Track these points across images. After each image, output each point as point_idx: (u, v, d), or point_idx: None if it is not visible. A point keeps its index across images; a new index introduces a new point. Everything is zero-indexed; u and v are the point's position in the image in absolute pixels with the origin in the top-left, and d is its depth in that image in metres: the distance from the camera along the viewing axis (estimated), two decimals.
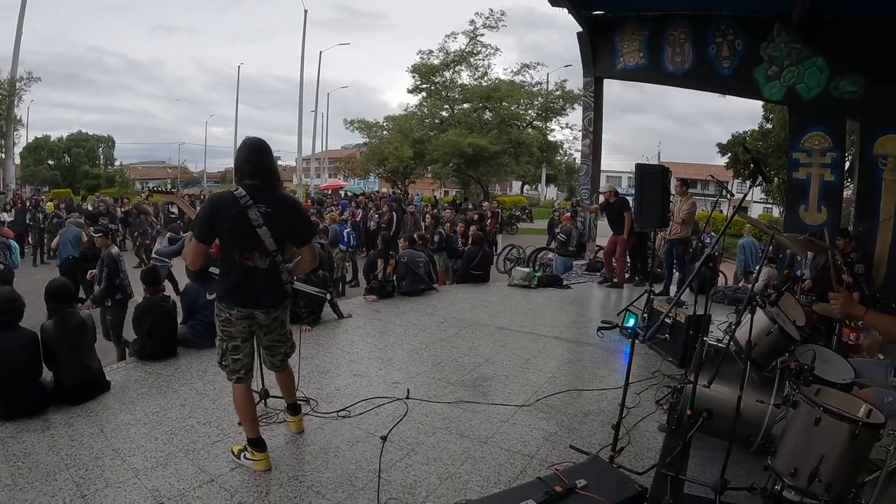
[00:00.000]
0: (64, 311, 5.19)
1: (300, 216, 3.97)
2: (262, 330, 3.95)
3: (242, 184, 3.72)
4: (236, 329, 3.83)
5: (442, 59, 35.69)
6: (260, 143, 3.87)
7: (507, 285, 11.18)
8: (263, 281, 3.77)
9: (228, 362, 3.90)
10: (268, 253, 3.72)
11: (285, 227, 3.79)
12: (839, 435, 2.90)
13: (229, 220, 3.61)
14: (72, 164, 57.14)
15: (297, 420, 4.54)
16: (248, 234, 3.64)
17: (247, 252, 3.70)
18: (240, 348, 3.88)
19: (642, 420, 4.80)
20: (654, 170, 9.08)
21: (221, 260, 3.84)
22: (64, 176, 55.52)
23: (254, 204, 3.62)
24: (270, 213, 3.67)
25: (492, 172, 35.69)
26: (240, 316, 3.80)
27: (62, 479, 3.84)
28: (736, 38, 11.08)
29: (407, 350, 6.89)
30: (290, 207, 3.87)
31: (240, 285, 3.75)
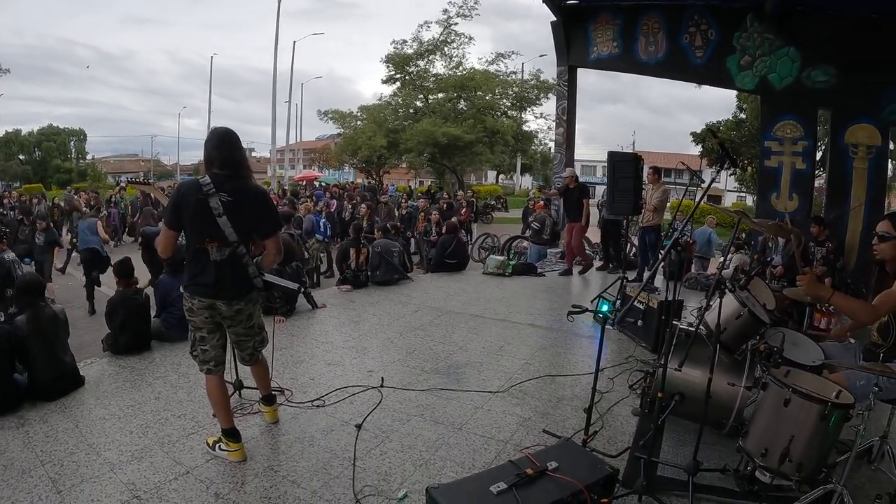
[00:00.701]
0: (36, 305, 5.12)
1: (265, 208, 3.90)
2: (226, 322, 3.91)
3: (209, 172, 3.70)
4: (199, 319, 3.82)
5: (416, 48, 35.65)
6: (227, 133, 3.84)
7: (482, 274, 11.19)
8: (223, 271, 3.73)
9: (197, 352, 3.91)
10: (228, 243, 3.69)
11: (248, 218, 3.76)
12: (809, 415, 2.93)
13: (192, 207, 3.59)
14: (43, 159, 56.57)
15: (271, 410, 4.52)
16: (209, 222, 3.62)
17: (207, 240, 3.67)
18: (206, 339, 3.88)
19: (616, 404, 4.84)
20: (626, 158, 9.09)
21: (186, 248, 3.81)
22: (35, 170, 54.87)
23: (216, 192, 3.59)
24: (232, 203, 3.63)
25: (466, 162, 35.75)
26: (201, 305, 3.78)
27: (38, 476, 3.80)
28: (709, 27, 11.13)
29: (381, 339, 6.87)
30: (255, 198, 3.83)
31: (201, 273, 3.74)
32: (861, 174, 9.55)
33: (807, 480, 2.99)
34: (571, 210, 10.99)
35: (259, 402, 4.57)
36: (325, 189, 23.23)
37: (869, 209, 9.38)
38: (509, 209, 35.00)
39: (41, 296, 5.28)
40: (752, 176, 26.34)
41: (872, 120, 9.43)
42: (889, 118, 9.35)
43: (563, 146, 14.22)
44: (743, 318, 3.81)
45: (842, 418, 2.94)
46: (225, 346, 4.01)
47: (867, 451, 3.70)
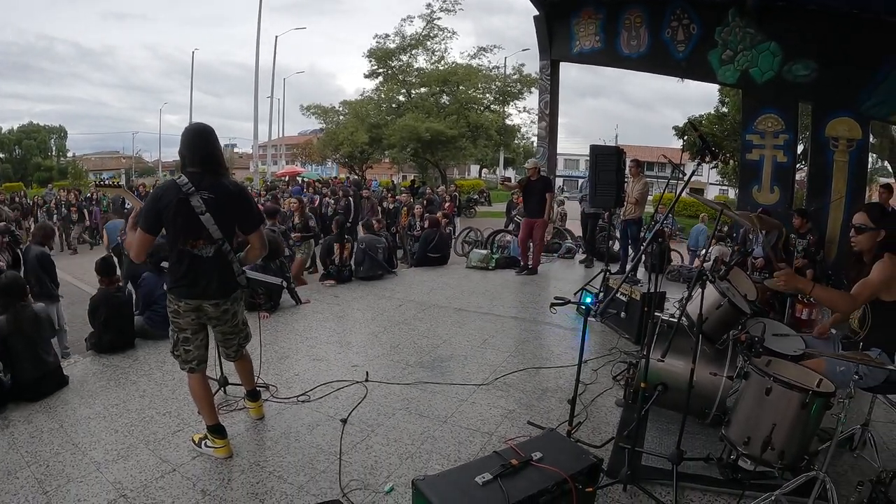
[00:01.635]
0: (16, 305, 5.09)
1: (245, 203, 3.87)
2: (211, 322, 3.90)
3: (185, 171, 3.65)
4: (185, 321, 3.79)
5: (398, 43, 35.54)
6: (202, 129, 3.79)
7: (465, 268, 11.21)
8: (211, 270, 3.71)
9: (180, 353, 3.87)
10: (213, 241, 3.66)
11: (230, 214, 3.73)
12: (790, 404, 2.97)
13: (172, 207, 3.54)
14: (23, 157, 55.84)
15: (256, 406, 4.51)
16: (192, 221, 3.58)
17: (192, 240, 3.63)
18: (190, 340, 3.84)
19: (599, 396, 4.87)
20: (608, 151, 9.15)
21: (169, 250, 3.75)
22: (15, 169, 54.21)
23: (196, 191, 3.55)
24: (213, 200, 3.60)
25: (450, 156, 35.74)
26: (188, 308, 3.75)
27: (24, 477, 3.79)
28: (691, 22, 11.18)
29: (365, 333, 6.88)
30: (235, 194, 3.77)
31: (187, 275, 3.69)
32: (841, 167, 9.64)
33: (789, 468, 3.03)
34: (533, 204, 10.25)
35: (244, 398, 4.56)
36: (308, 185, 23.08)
37: (850, 202, 9.46)
38: (492, 203, 35.01)
39: (21, 297, 5.24)
40: (734, 169, 26.50)
41: (852, 113, 9.51)
42: (869, 112, 9.44)
43: (545, 140, 14.23)
44: (724, 308, 3.85)
45: (823, 406, 2.98)
46: (208, 344, 3.98)
47: (849, 438, 3.76)
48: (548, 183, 10.32)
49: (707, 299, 3.68)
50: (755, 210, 8.38)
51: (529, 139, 39.53)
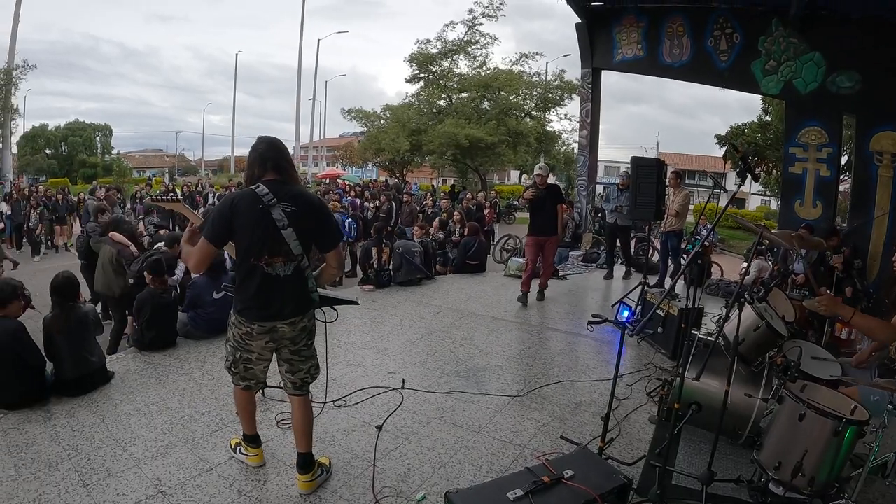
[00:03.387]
0: (66, 305, 5.23)
1: (326, 218, 3.58)
2: (283, 342, 3.54)
3: (263, 180, 3.38)
4: (257, 344, 3.52)
5: (440, 48, 35.60)
6: (275, 140, 3.58)
7: (503, 275, 11.21)
8: (287, 290, 3.43)
9: (239, 371, 3.64)
10: (293, 258, 3.38)
11: (310, 230, 3.45)
12: (823, 430, 2.97)
13: (251, 220, 3.30)
14: (69, 153, 56.85)
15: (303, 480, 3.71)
16: (272, 236, 3.31)
17: (268, 256, 3.35)
18: (254, 362, 3.61)
19: (633, 411, 4.87)
20: (649, 163, 9.03)
21: (238, 267, 3.49)
22: (61, 165, 55.25)
23: (278, 203, 3.30)
24: (296, 213, 3.34)
25: (489, 162, 35.62)
26: (262, 330, 3.46)
27: (65, 469, 3.90)
28: (734, 31, 11.08)
29: (402, 340, 6.92)
30: (317, 207, 3.51)
31: (258, 295, 3.41)
32: (886, 182, 9.46)
33: (819, 494, 3.03)
34: (542, 219, 8.73)
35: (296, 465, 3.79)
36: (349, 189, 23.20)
37: (893, 218, 9.28)
38: None
39: (73, 297, 5.37)
40: (776, 180, 26.04)
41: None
42: None
43: (586, 149, 14.21)
44: (761, 330, 3.85)
45: (856, 434, 2.98)
46: (268, 368, 3.73)
47: (881, 466, 3.72)
48: (559, 193, 9.03)
49: (745, 321, 3.68)
50: (797, 226, 8.30)
51: (570, 145, 39.31)
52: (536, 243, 8.76)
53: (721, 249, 18.27)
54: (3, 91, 25.82)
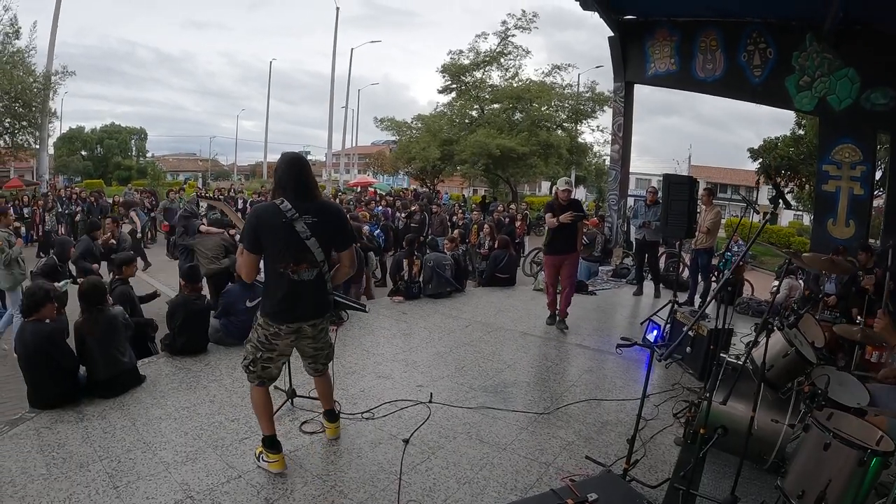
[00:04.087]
0: (94, 309, 5.41)
1: (342, 221, 3.97)
2: (306, 341, 4.01)
3: (285, 195, 3.74)
4: (283, 343, 3.91)
5: (472, 58, 35.63)
6: (298, 157, 4.00)
7: (533, 289, 11.24)
8: (311, 293, 3.81)
9: (257, 369, 3.96)
10: (316, 264, 3.77)
11: (331, 236, 3.84)
12: (847, 461, 2.96)
13: (276, 232, 3.67)
14: (104, 156, 57.79)
15: (333, 427, 4.60)
16: (297, 246, 3.69)
17: (294, 264, 3.72)
18: (273, 360, 3.97)
19: (659, 433, 4.86)
20: (682, 180, 8.92)
21: (266, 274, 3.85)
22: (96, 167, 56.19)
23: (300, 216, 3.66)
24: (316, 223, 3.71)
25: (520, 173, 35.48)
26: (289, 331, 3.87)
27: (95, 471, 4.02)
28: (767, 46, 11.01)
29: (431, 353, 6.98)
30: (333, 213, 3.90)
31: (286, 299, 3.78)
32: None
33: None
34: (563, 237, 7.96)
35: (322, 416, 4.66)
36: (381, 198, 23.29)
37: None
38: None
39: (101, 301, 5.55)
40: (809, 195, 25.70)
41: None
42: None
43: (618, 163, 14.18)
44: (790, 356, 3.85)
45: (881, 465, 2.97)
46: (282, 367, 4.15)
47: None
48: (580, 209, 8.18)
49: (774, 346, 3.70)
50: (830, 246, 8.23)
51: (601, 158, 39.09)
52: (553, 263, 8.11)
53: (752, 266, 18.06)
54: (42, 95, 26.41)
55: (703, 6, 11.69)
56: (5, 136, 27.20)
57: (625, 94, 14.00)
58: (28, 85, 25.43)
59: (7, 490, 3.80)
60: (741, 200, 38.95)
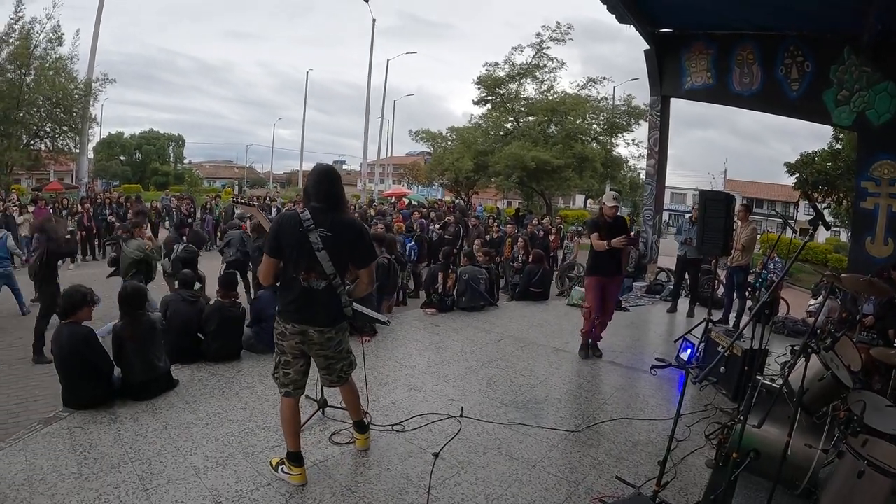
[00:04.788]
0: (134, 314, 5.56)
1: (361, 240, 4.00)
2: (313, 348, 4.03)
3: (309, 206, 3.89)
4: (288, 344, 3.98)
5: (507, 71, 35.68)
6: (328, 171, 4.07)
7: (566, 304, 11.21)
8: (319, 300, 3.89)
9: (279, 375, 4.08)
10: (325, 276, 3.85)
11: (345, 252, 3.91)
12: (881, 489, 2.94)
13: (293, 239, 3.80)
14: (142, 161, 58.88)
15: (363, 438, 4.65)
16: (308, 255, 3.80)
17: (304, 272, 3.84)
18: (290, 364, 4.04)
19: (691, 454, 4.80)
20: (718, 196, 8.78)
21: (281, 276, 3.99)
22: (134, 172, 57.26)
23: (316, 227, 3.78)
24: (331, 238, 3.80)
25: (555, 186, 35.36)
26: (294, 331, 3.94)
27: (126, 472, 4.12)
28: (805, 59, 10.84)
29: (463, 367, 6.99)
30: (353, 232, 3.95)
31: (296, 301, 3.90)
32: None
33: None
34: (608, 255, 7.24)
35: (351, 428, 4.70)
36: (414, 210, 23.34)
37: None
38: None
39: (140, 307, 5.70)
40: (846, 210, 25.25)
41: None
42: None
43: (653, 178, 14.06)
44: (826, 380, 3.82)
45: None
46: (307, 371, 4.16)
47: None
48: (625, 227, 7.60)
49: (809, 369, 3.66)
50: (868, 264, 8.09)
51: (636, 171, 38.88)
52: (599, 285, 7.41)
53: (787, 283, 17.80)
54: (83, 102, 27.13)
55: (739, 19, 11.57)
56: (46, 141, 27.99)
57: (661, 108, 13.89)
58: (69, 91, 26.17)
59: (38, 487, 3.91)
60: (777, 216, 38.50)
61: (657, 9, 12.49)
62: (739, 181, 57.98)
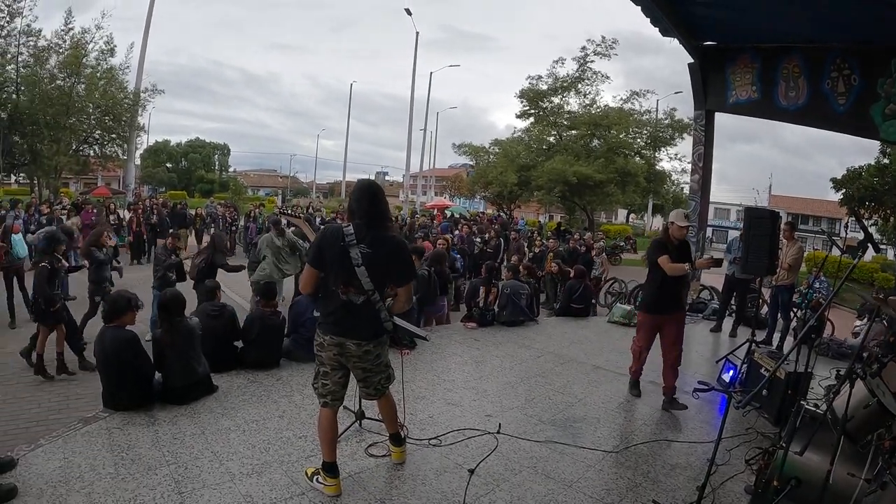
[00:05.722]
0: (173, 321, 5.68)
1: (400, 258, 4.04)
2: (351, 360, 4.05)
3: (353, 222, 3.93)
4: (326, 355, 4.04)
5: (550, 84, 35.65)
6: (372, 187, 4.12)
7: (607, 321, 11.11)
8: (358, 314, 3.92)
9: (318, 385, 4.14)
10: (363, 291, 3.88)
11: (385, 269, 3.94)
12: None
13: (334, 253, 3.85)
14: (188, 168, 60.39)
15: (399, 451, 4.67)
16: (347, 270, 3.83)
17: (343, 286, 3.88)
18: (329, 375, 4.09)
19: (729, 479, 4.70)
20: (763, 214, 8.55)
21: (322, 289, 4.05)
22: (180, 178, 58.65)
23: (357, 243, 3.82)
24: (370, 254, 3.82)
25: (597, 201, 35.20)
26: (331, 343, 3.98)
27: (162, 475, 4.21)
28: (852, 73, 10.57)
29: (502, 382, 6.98)
30: (393, 249, 3.97)
31: (335, 313, 3.96)
32: None
33: None
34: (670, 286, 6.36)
35: (387, 441, 4.71)
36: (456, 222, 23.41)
37: None
38: (638, 251, 34.26)
39: (180, 313, 5.84)
40: (893, 227, 24.69)
41: None
42: None
43: (697, 194, 13.82)
44: (871, 408, 3.73)
45: None
46: (346, 384, 4.19)
47: None
48: (689, 253, 6.65)
49: (854, 395, 3.59)
50: None
51: (679, 186, 38.51)
52: (654, 325, 6.50)
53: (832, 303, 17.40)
54: (131, 110, 28.01)
55: (785, 32, 11.37)
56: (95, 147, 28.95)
57: (705, 122, 13.67)
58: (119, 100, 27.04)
59: (75, 485, 4.02)
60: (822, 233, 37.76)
61: (701, 21, 12.32)
62: (784, 196, 56.96)
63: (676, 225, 6.38)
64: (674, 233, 6.40)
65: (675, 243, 6.38)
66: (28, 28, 25.49)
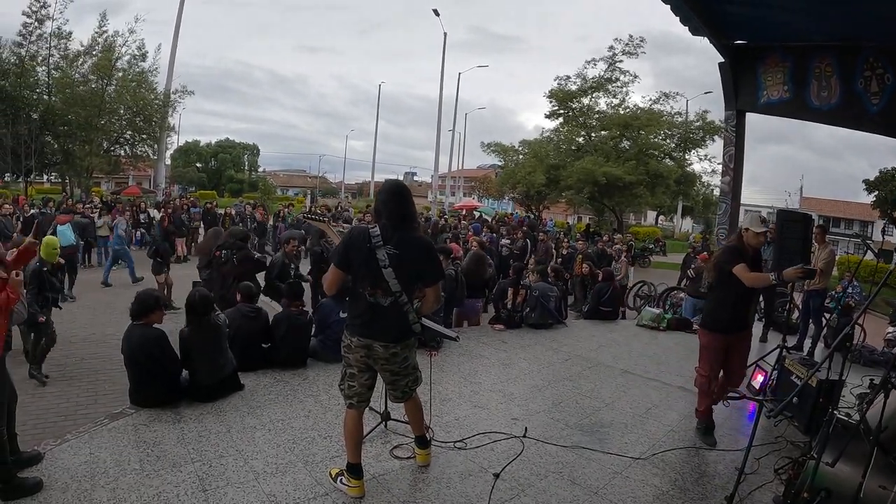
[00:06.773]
0: (200, 321, 5.75)
1: (428, 259, 4.04)
2: (378, 362, 4.05)
3: (380, 223, 3.92)
4: (354, 357, 4.03)
5: (580, 85, 35.43)
6: (399, 188, 4.12)
7: (636, 325, 11.04)
8: (386, 316, 3.92)
9: (345, 387, 4.14)
10: (391, 293, 3.87)
11: (412, 270, 3.93)
12: None
13: (360, 255, 3.84)
14: (218, 169, 61.08)
15: (424, 453, 4.67)
16: (374, 272, 3.83)
17: (370, 288, 3.88)
18: (355, 377, 4.08)
19: (758, 489, 4.61)
20: (796, 217, 8.35)
21: (350, 290, 4.08)
22: (210, 178, 59.32)
23: (383, 245, 3.81)
24: (397, 255, 3.82)
25: (626, 202, 34.93)
26: (359, 345, 3.98)
27: (187, 472, 4.25)
28: (885, 71, 10.34)
29: (529, 385, 6.96)
30: (420, 250, 3.97)
31: (362, 315, 3.95)
32: None
33: None
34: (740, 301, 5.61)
35: (413, 443, 4.72)
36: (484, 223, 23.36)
37: None
38: (667, 254, 34.06)
39: (207, 313, 5.87)
40: None
41: None
42: None
43: (728, 196, 13.59)
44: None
45: None
46: (372, 386, 4.19)
47: None
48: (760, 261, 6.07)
49: (889, 406, 3.54)
50: None
51: (709, 187, 38.13)
52: (722, 346, 5.65)
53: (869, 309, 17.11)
54: (162, 112, 28.53)
55: (816, 30, 11.17)
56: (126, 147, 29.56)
57: (736, 123, 13.43)
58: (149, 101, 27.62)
59: (100, 480, 4.08)
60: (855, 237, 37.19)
61: (731, 19, 12.14)
62: (815, 199, 56.07)
63: (752, 231, 5.53)
64: (749, 240, 5.55)
65: (750, 252, 5.60)
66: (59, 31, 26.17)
